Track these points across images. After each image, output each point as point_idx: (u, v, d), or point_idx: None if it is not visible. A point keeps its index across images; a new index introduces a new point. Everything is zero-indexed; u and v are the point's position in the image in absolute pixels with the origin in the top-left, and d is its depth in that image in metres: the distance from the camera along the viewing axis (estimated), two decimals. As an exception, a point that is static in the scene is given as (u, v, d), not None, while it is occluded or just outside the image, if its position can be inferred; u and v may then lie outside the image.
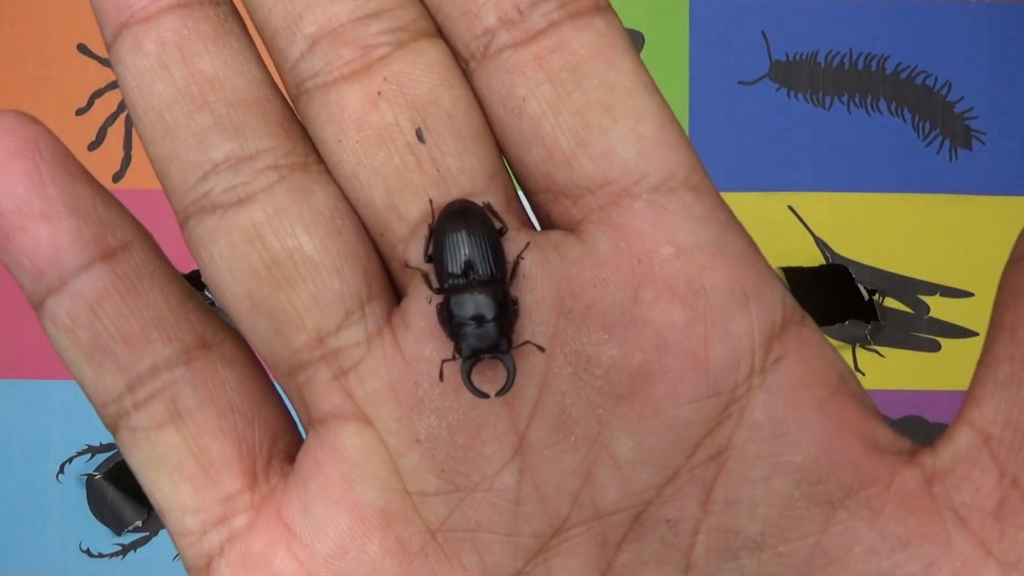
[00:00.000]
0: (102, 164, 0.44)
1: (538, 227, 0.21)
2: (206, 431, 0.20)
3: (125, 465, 0.43)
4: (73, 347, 0.19)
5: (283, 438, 0.21)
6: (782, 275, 0.43)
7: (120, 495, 0.43)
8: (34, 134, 0.19)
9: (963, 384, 0.19)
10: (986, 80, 0.44)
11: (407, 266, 0.19)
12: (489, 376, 0.19)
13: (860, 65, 0.44)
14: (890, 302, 0.43)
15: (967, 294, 0.43)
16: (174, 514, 0.20)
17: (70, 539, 0.43)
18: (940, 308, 0.43)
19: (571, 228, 0.20)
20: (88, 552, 0.43)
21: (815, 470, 0.19)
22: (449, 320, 0.19)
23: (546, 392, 0.19)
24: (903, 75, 0.44)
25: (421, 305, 0.19)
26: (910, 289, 0.43)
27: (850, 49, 0.44)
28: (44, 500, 0.43)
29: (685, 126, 0.43)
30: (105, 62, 0.45)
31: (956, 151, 0.44)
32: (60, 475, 0.43)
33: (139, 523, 0.43)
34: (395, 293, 0.20)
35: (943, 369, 0.43)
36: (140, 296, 0.19)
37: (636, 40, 0.44)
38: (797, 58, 0.44)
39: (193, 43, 0.19)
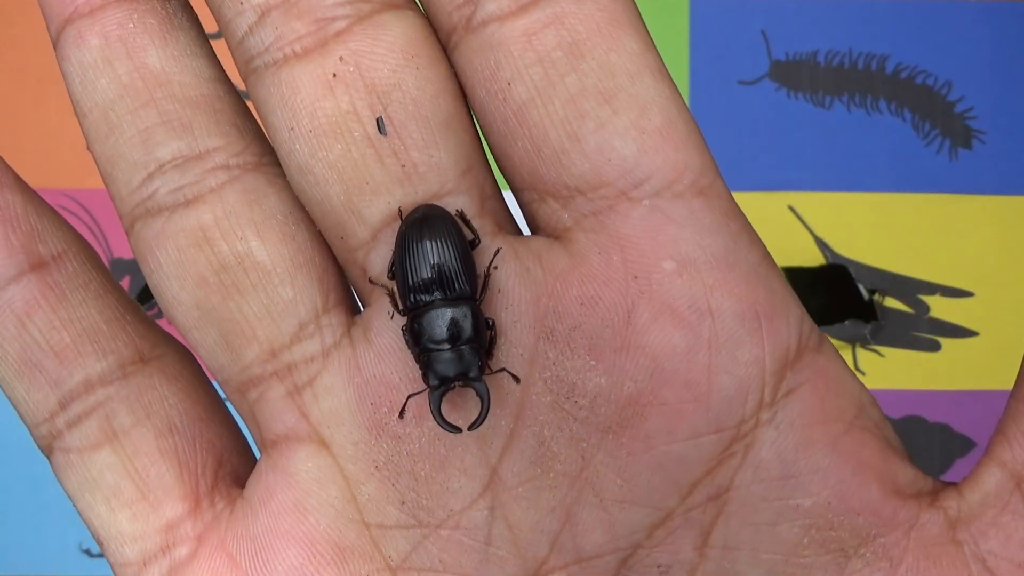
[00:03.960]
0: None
1: (525, 230, 0.19)
2: (144, 452, 0.18)
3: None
4: (2, 362, 0.18)
5: (231, 460, 0.19)
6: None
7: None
8: None
9: (963, 384, 0.18)
10: (986, 80, 0.44)
11: (370, 280, 0.18)
12: (458, 403, 0.18)
13: (860, 65, 0.44)
14: (890, 302, 0.43)
15: (967, 294, 0.43)
16: (113, 543, 0.19)
17: (70, 539, 0.43)
18: (940, 308, 0.43)
19: (559, 235, 0.18)
20: (88, 552, 0.43)
21: (827, 515, 0.17)
22: (415, 344, 0.17)
23: (522, 422, 0.17)
24: (903, 75, 0.44)
25: (383, 319, 0.18)
26: (910, 289, 0.43)
27: (850, 49, 0.44)
28: (44, 500, 0.43)
29: (685, 126, 0.43)
30: (105, 62, 0.45)
31: (956, 151, 0.44)
32: (60, 475, 0.43)
33: (139, 523, 0.43)
34: (355, 303, 0.19)
35: (943, 369, 0.43)
36: (72, 307, 0.18)
37: (636, 40, 0.44)
38: (797, 58, 0.44)
39: (138, 37, 0.18)
